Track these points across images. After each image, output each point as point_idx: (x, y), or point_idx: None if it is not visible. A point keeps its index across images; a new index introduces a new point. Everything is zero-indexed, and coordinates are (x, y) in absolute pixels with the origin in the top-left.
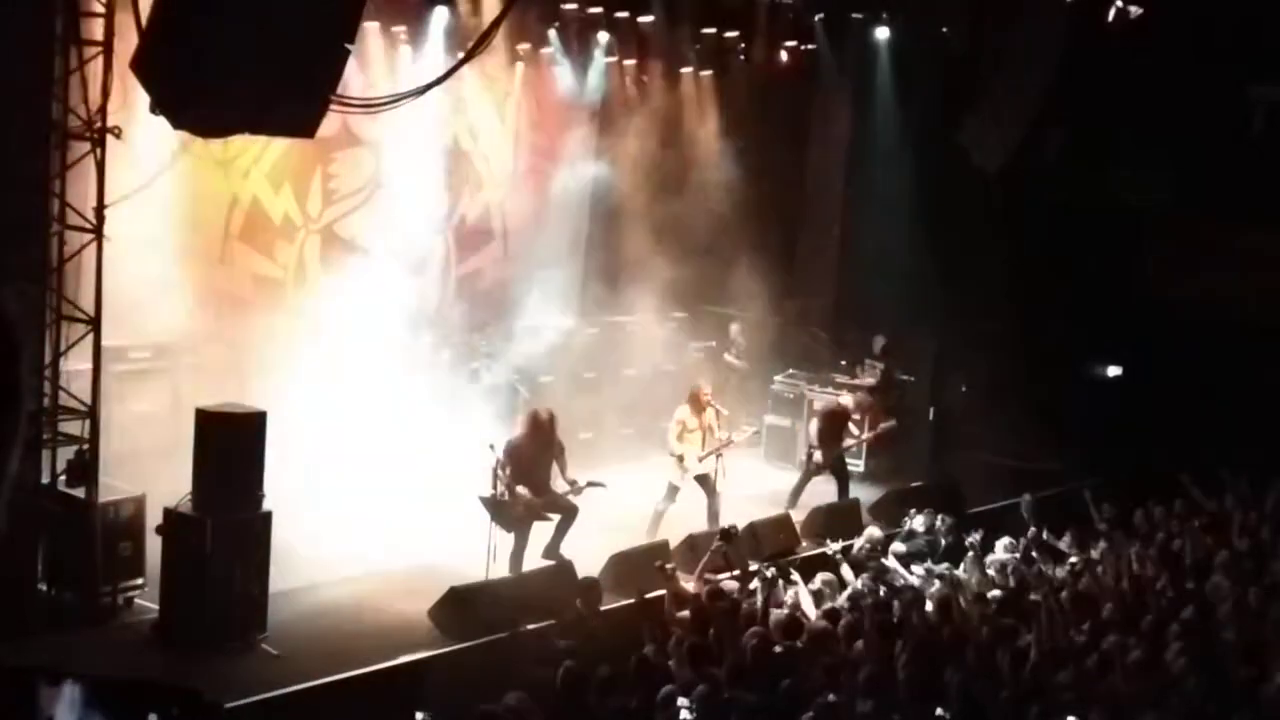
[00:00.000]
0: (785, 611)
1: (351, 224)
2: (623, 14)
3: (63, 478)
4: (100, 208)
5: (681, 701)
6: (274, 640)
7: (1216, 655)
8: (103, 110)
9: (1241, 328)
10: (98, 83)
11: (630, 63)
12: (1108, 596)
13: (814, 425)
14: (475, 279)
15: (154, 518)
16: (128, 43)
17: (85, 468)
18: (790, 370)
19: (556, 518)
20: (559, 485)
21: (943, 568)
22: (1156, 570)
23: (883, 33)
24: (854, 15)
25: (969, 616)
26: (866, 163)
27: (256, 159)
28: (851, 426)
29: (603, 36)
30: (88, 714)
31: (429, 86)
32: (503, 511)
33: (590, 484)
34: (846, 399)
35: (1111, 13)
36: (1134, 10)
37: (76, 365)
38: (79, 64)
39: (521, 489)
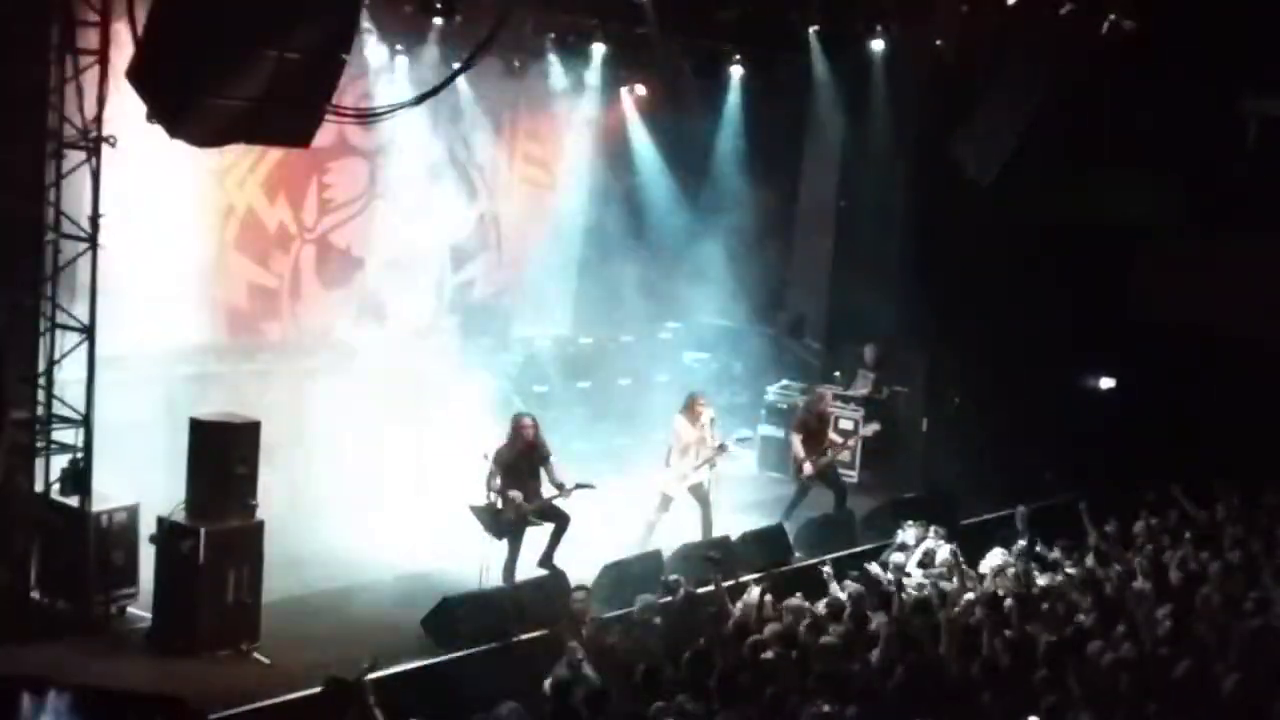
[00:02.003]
0: (779, 620)
1: (347, 234)
2: (618, 25)
3: (56, 486)
4: (95, 216)
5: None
6: (266, 649)
7: (1205, 665)
8: (98, 119)
9: (1236, 340)
10: (93, 92)
11: (625, 74)
12: (1099, 606)
13: (795, 440)
14: (470, 289)
15: (147, 526)
16: (123, 52)
17: (79, 476)
18: (784, 381)
19: (548, 524)
20: (547, 490)
21: (934, 576)
22: (1148, 581)
23: (877, 45)
24: (848, 27)
25: (960, 625)
26: (860, 174)
27: (252, 168)
28: (834, 435)
29: (598, 48)
30: None
31: (425, 96)
32: (494, 519)
33: (579, 486)
34: (821, 404)
35: (1105, 26)
36: (1128, 24)
37: (71, 374)
38: (74, 73)
39: (513, 492)
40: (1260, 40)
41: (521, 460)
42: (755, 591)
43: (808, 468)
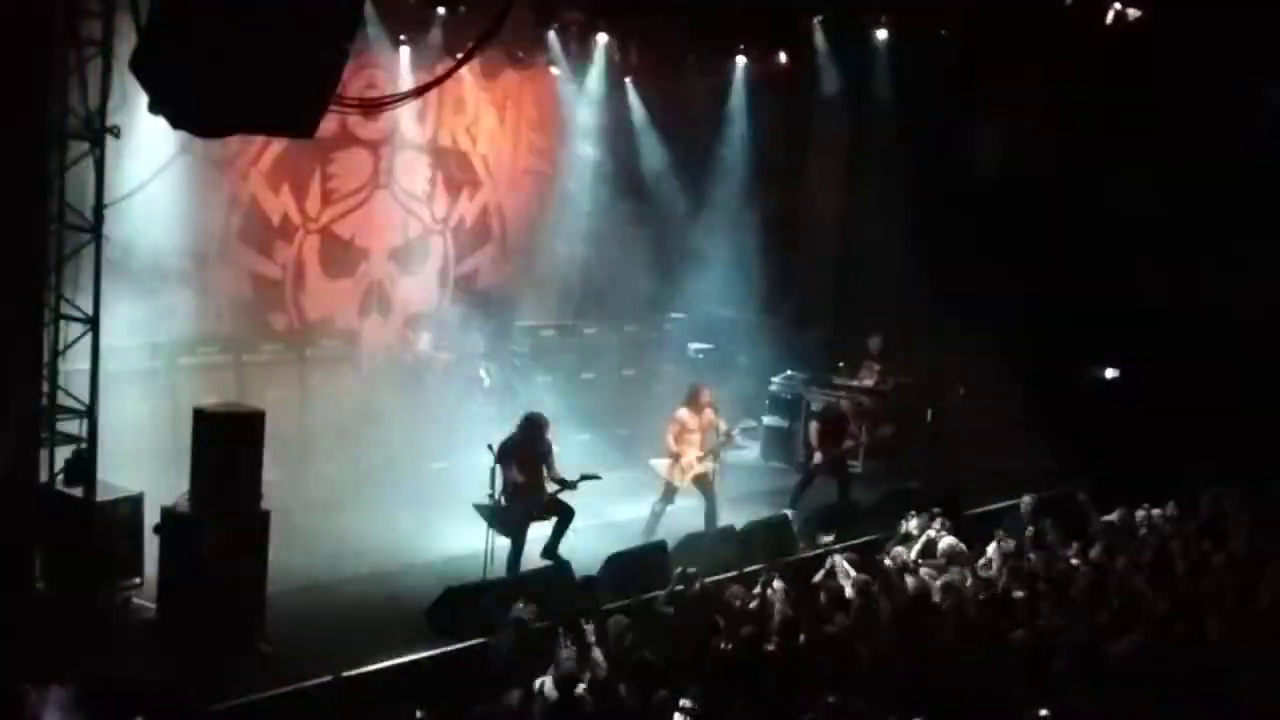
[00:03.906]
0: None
1: (350, 224)
2: (621, 17)
3: (61, 476)
4: (99, 207)
5: (684, 703)
6: (271, 640)
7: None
8: (102, 110)
9: (1240, 332)
10: (97, 82)
11: (629, 64)
12: (1102, 596)
13: (813, 427)
14: (473, 279)
15: (152, 517)
16: (127, 42)
17: (84, 467)
18: (788, 371)
19: (553, 519)
20: (550, 486)
21: (937, 567)
22: (1151, 572)
23: (882, 36)
24: (853, 19)
25: (965, 615)
26: (865, 165)
27: (255, 159)
28: (850, 429)
29: (601, 38)
30: (75, 717)
31: (428, 87)
32: (500, 516)
33: (585, 477)
34: (846, 403)
35: (1110, 15)
36: (1132, 13)
37: (75, 365)
38: (78, 64)
39: (517, 489)
40: (1266, 29)
41: (527, 454)
42: (765, 582)
43: (819, 457)
